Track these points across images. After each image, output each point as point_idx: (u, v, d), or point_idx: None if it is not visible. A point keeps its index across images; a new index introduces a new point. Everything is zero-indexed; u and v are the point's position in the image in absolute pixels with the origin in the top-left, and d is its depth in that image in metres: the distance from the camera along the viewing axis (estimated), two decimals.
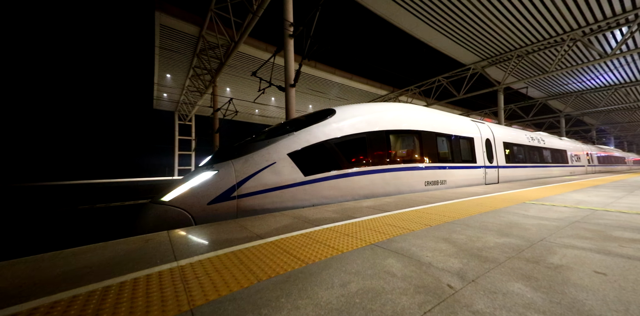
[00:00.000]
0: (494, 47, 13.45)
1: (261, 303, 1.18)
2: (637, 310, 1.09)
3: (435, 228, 2.45)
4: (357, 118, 5.10)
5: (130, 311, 1.14)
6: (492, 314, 1.06)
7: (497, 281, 1.35)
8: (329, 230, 2.41)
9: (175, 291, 1.32)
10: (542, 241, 2.03)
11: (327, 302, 1.17)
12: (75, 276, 1.55)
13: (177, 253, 1.90)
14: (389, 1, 9.87)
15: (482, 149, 7.59)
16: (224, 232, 2.46)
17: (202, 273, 1.52)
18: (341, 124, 4.83)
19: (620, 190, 5.70)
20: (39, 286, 1.42)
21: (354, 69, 20.02)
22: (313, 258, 1.70)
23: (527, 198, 4.39)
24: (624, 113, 26.96)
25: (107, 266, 1.70)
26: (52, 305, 1.21)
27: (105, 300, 1.25)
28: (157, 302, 1.22)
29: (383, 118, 5.44)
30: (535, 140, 11.20)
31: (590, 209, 3.44)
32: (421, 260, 1.65)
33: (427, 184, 5.80)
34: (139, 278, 1.47)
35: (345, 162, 4.58)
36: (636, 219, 2.83)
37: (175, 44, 14.29)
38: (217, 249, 1.94)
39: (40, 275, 1.57)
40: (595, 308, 1.11)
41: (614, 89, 18.18)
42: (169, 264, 1.68)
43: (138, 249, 2.03)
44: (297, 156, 4.12)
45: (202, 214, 3.34)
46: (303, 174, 4.06)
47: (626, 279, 1.38)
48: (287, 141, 4.23)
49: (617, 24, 10.61)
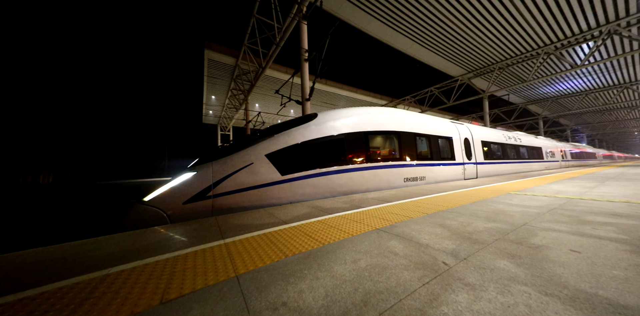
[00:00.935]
0: (478, 61, 12.96)
1: (289, 273, 1.21)
2: (607, 281, 1.04)
3: (431, 215, 2.38)
4: (336, 121, 4.69)
5: (194, 273, 1.22)
6: (482, 286, 1.03)
7: (486, 259, 1.30)
8: (341, 217, 2.42)
9: (224, 262, 1.39)
10: (525, 226, 1.92)
11: (341, 274, 1.18)
12: (164, 245, 1.69)
13: (223, 233, 2.00)
14: (385, 27, 9.75)
15: (460, 147, 7.12)
16: (257, 218, 2.53)
17: (242, 249, 1.58)
18: (320, 126, 4.41)
19: (592, 181, 5.29)
20: (152, 247, 1.55)
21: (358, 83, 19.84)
22: (328, 240, 1.72)
23: (512, 190, 4.13)
24: (594, 115, 25.68)
25: (180, 240, 1.85)
26: (155, 263, 1.31)
27: (182, 263, 1.34)
28: (212, 269, 1.30)
29: (362, 121, 5.01)
30: (512, 138, 10.49)
31: (567, 198, 3.19)
32: (420, 242, 1.61)
33: (407, 180, 5.30)
34: (198, 251, 1.57)
35: (323, 162, 4.16)
36: (607, 205, 2.63)
37: (218, 72, 15.16)
38: (252, 231, 2.00)
39: (141, 243, 1.71)
40: (570, 280, 1.06)
41: (584, 94, 17.50)
42: (217, 241, 1.77)
43: (195, 229, 2.15)
44: (275, 157, 3.75)
45: (177, 213, 3.01)
46: (280, 173, 3.70)
47: (597, 256, 1.31)
48: (266, 143, 3.85)
49: (584, 39, 10.26)
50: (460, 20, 9.04)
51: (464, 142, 7.31)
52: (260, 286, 1.09)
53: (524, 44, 10.80)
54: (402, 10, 8.62)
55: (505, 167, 9.24)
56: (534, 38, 10.24)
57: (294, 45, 7.96)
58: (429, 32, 10.08)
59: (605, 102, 20.05)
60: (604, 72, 14.21)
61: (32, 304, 1.02)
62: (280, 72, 15.16)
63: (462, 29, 9.62)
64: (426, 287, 1.03)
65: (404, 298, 0.95)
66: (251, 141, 3.91)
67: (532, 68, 13.12)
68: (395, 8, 8.49)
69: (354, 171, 4.51)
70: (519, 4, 8.01)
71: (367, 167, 4.72)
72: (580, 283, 1.03)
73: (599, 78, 15.12)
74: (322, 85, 17.32)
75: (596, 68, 13.67)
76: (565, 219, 2.09)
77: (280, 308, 0.92)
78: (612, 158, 35.75)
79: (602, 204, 2.72)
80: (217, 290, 1.08)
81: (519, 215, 2.30)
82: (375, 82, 19.81)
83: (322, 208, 2.96)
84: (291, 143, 3.98)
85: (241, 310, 0.92)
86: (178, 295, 1.05)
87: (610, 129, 33.65)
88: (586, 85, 16.42)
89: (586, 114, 25.46)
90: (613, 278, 1.06)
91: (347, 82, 18.74)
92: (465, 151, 7.30)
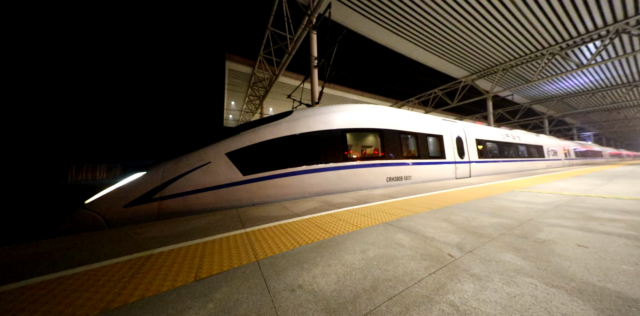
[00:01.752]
0: (481, 63, 12.38)
1: (303, 260, 1.23)
2: (616, 275, 0.97)
3: (436, 211, 2.32)
4: (310, 118, 4.13)
5: (221, 257, 1.28)
6: (487, 277, 0.99)
7: (491, 252, 1.26)
8: (349, 211, 2.41)
9: (245, 248, 1.44)
10: (530, 221, 1.82)
11: (351, 263, 1.18)
12: (195, 232, 1.77)
13: (244, 223, 2.06)
14: (390, 33, 9.58)
15: (452, 146, 6.48)
16: (272, 210, 2.59)
17: (261, 238, 1.63)
18: (292, 123, 3.90)
19: (600, 179, 4.88)
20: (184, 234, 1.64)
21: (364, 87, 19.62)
22: (338, 232, 1.72)
23: (516, 187, 3.92)
24: (602, 113, 23.53)
25: (207, 228, 1.93)
26: (188, 247, 1.39)
27: (210, 247, 1.41)
28: (236, 254, 1.35)
29: (340, 118, 4.44)
30: (510, 136, 9.59)
31: (573, 195, 2.99)
32: (425, 235, 1.58)
33: (390, 180, 4.76)
34: (223, 238, 1.63)
35: (293, 161, 3.70)
36: (615, 202, 2.43)
37: (237, 80, 15.86)
38: (269, 222, 2.05)
39: (176, 230, 1.81)
40: (577, 273, 1.00)
41: (591, 93, 16.06)
42: (239, 230, 1.83)
43: (220, 219, 2.24)
44: (237, 155, 3.32)
45: (116, 217, 2.60)
46: (242, 173, 3.26)
47: (606, 251, 1.22)
48: (229, 141, 3.42)
49: (590, 39, 9.38)
50: (463, 24, 8.68)
51: (456, 141, 6.74)
52: (278, 270, 1.12)
53: (528, 45, 10.17)
54: (406, 17, 8.42)
55: (501, 166, 8.49)
56: (538, 39, 9.61)
57: (304, 53, 8.01)
58: (433, 37, 9.79)
59: (614, 101, 18.47)
60: (612, 70, 13.10)
61: (98, 274, 1.17)
62: (291, 79, 15.35)
63: (465, 32, 9.24)
64: (432, 276, 1.01)
65: (411, 286, 0.94)
66: (213, 139, 3.48)
67: (537, 68, 12.31)
68: (399, 15, 8.31)
69: (330, 170, 4.01)
70: (522, 6, 7.57)
71: (344, 166, 4.19)
72: (588, 276, 0.97)
73: (606, 77, 13.94)
74: (330, 90, 17.35)
75: (603, 67, 12.63)
76: (572, 215, 1.97)
77: (297, 290, 0.94)
78: (621, 157, 32.93)
79: (610, 201, 2.52)
80: (241, 272, 1.13)
81: (524, 211, 2.19)
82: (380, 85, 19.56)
83: (331, 203, 2.97)
84: (257, 141, 3.53)
85: (262, 290, 0.96)
86: (209, 274, 1.11)
87: (618, 128, 31.04)
88: (593, 84, 15.18)
89: (593, 113, 23.54)
90: (622, 273, 0.99)
91: (354, 86, 18.62)
92: (458, 149, 6.70)
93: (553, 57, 10.98)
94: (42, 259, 1.40)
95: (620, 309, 0.76)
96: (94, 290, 1.00)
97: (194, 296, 0.93)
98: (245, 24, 16.52)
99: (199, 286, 1.01)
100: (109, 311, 0.85)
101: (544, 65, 11.36)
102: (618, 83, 14.83)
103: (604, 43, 9.20)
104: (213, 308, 0.85)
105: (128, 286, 1.02)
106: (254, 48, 11.90)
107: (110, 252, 1.47)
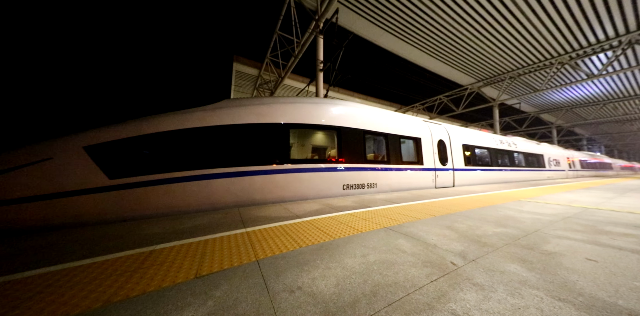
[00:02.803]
0: (488, 71, 12.35)
1: (303, 262, 1.23)
2: (627, 292, 0.93)
3: (439, 217, 2.28)
4: (242, 108, 3.32)
5: (221, 255, 1.28)
6: (491, 287, 0.97)
7: (495, 262, 1.23)
8: (350, 215, 2.40)
9: (245, 247, 1.44)
10: (537, 232, 1.78)
11: (351, 266, 1.17)
12: (196, 230, 1.79)
13: (245, 223, 2.07)
14: (396, 39, 9.69)
15: (432, 151, 5.70)
16: (273, 211, 2.59)
17: (261, 238, 1.63)
18: (212, 113, 3.10)
19: (611, 192, 4.70)
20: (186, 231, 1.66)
21: (369, 91, 19.68)
22: (339, 235, 1.71)
23: (523, 197, 3.84)
24: (614, 125, 22.84)
25: (208, 226, 1.95)
26: (189, 244, 1.40)
27: (212, 245, 1.42)
28: (237, 253, 1.35)
29: (285, 110, 3.65)
30: (505, 143, 8.75)
31: (582, 207, 2.90)
32: (427, 242, 1.56)
33: (348, 188, 3.99)
34: (224, 237, 1.65)
35: (204, 160, 2.87)
36: (627, 217, 2.34)
37: (244, 82, 16.23)
38: (270, 223, 2.05)
39: (178, 227, 1.83)
40: (585, 288, 0.97)
41: (602, 104, 15.70)
42: (240, 230, 1.84)
43: (222, 218, 2.25)
44: (105, 150, 2.43)
45: None
46: (108, 176, 2.39)
47: (617, 266, 1.17)
48: (97, 131, 2.51)
49: (602, 49, 9.26)
50: (471, 32, 8.72)
51: (437, 145, 5.93)
52: (278, 271, 1.12)
53: (537, 54, 10.10)
54: (413, 24, 8.51)
55: (493, 175, 7.58)
56: (547, 48, 9.55)
57: (310, 57, 8.15)
58: (439, 44, 9.84)
59: (626, 112, 18.03)
60: (624, 81, 12.87)
61: (102, 267, 1.19)
62: (297, 81, 15.58)
63: (472, 40, 9.26)
64: (434, 284, 0.99)
65: (412, 293, 0.93)
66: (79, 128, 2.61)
67: (546, 77, 12.18)
68: (406, 22, 8.41)
69: (259, 174, 3.17)
70: (531, 15, 7.56)
71: (283, 169, 3.37)
72: (597, 291, 0.94)
73: (617, 87, 13.68)
74: (335, 93, 17.48)
75: (615, 77, 12.43)
76: (581, 228, 1.91)
77: (296, 291, 0.94)
78: (634, 170, 31.60)
79: (622, 215, 2.44)
80: (241, 270, 1.13)
81: (530, 221, 2.14)
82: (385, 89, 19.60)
83: (332, 206, 2.96)
84: (146, 132, 2.61)
85: (261, 289, 0.96)
86: (209, 272, 1.11)
87: (631, 140, 30.22)
88: (604, 95, 14.89)
89: (604, 124, 23.01)
90: (635, 289, 0.95)
91: (359, 90, 18.71)
92: (440, 155, 5.87)
93: (562, 67, 10.89)
94: (46, 251, 1.43)
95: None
96: (97, 282, 1.02)
97: (194, 293, 0.94)
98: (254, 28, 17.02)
99: (200, 283, 1.01)
100: (111, 305, 0.86)
101: (553, 74, 11.28)
102: (631, 95, 14.54)
103: (616, 53, 9.09)
104: (213, 305, 0.85)
105: (130, 281, 1.03)
106: (262, 51, 12.20)
107: (113, 246, 1.50)
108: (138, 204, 2.53)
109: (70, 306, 0.85)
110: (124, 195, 2.46)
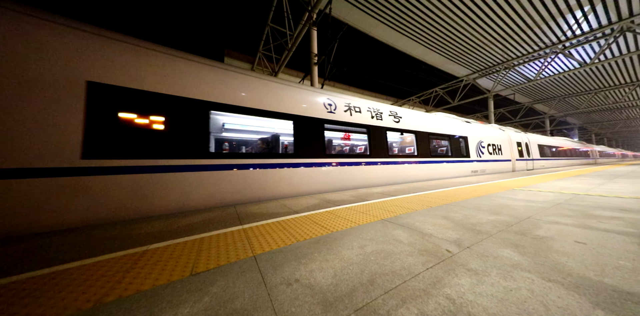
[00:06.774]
0: (483, 62, 12.42)
1: (300, 255, 1.24)
2: (612, 270, 0.99)
3: (435, 208, 2.33)
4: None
5: (218, 252, 1.28)
6: (485, 271, 1.00)
7: (489, 248, 1.27)
8: (348, 208, 2.42)
9: (242, 243, 1.44)
10: (529, 219, 1.84)
11: (348, 258, 1.19)
12: (191, 228, 1.78)
13: (241, 220, 2.06)
14: (391, 30, 9.55)
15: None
16: (271, 208, 2.60)
17: (258, 234, 1.63)
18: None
19: (601, 179, 4.92)
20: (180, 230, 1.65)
21: (365, 85, 19.55)
22: (336, 228, 1.73)
23: (516, 186, 3.94)
24: (604, 113, 23.77)
25: (203, 225, 1.93)
26: (184, 242, 1.39)
27: (207, 243, 1.41)
28: (233, 249, 1.35)
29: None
30: (376, 114, 4.83)
31: (573, 194, 3.02)
32: (423, 232, 1.59)
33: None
34: (220, 234, 1.64)
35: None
36: (615, 201, 2.45)
37: None
38: (267, 219, 2.06)
39: (172, 226, 1.81)
40: (574, 268, 1.02)
41: (594, 93, 16.11)
42: (236, 227, 1.83)
43: (217, 216, 2.24)
44: None
45: None
46: None
47: (604, 247, 1.24)
48: None
49: (594, 37, 9.39)
50: (465, 22, 8.67)
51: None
52: (275, 265, 1.13)
53: (531, 43, 10.18)
54: (408, 14, 8.39)
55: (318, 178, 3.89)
56: (540, 37, 9.63)
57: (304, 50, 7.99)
58: (434, 34, 9.77)
59: (616, 101, 18.58)
60: (615, 69, 13.17)
61: (92, 268, 1.17)
62: (291, 76, 15.27)
63: (467, 30, 9.23)
64: (430, 271, 1.02)
65: (408, 280, 0.95)
66: None
67: (539, 67, 12.39)
68: (400, 12, 8.27)
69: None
70: (525, 3, 7.55)
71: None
72: (585, 271, 0.98)
73: (609, 76, 14.02)
74: (330, 88, 17.26)
75: (606, 66, 12.70)
76: (571, 213, 1.99)
77: (293, 284, 0.95)
78: (616, 157, 30.78)
79: (610, 200, 2.55)
80: (238, 266, 1.13)
81: (523, 208, 2.20)
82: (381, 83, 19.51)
83: (330, 200, 2.98)
84: None
85: (259, 284, 0.96)
86: (205, 269, 1.11)
87: (620, 128, 31.23)
88: (596, 83, 15.29)
89: (595, 113, 23.72)
90: (619, 268, 1.00)
91: (354, 84, 18.55)
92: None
93: (556, 56, 11.03)
94: (32, 255, 1.40)
95: (615, 302, 0.77)
96: (88, 284, 1.01)
97: (189, 290, 0.94)
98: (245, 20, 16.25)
99: (195, 280, 1.01)
100: (102, 305, 0.85)
101: (547, 64, 11.41)
102: (621, 83, 14.88)
103: (608, 41, 9.22)
104: (209, 301, 0.85)
105: (123, 281, 1.02)
106: (254, 44, 11.85)
107: (104, 248, 1.47)
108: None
109: (59, 309, 0.84)
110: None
